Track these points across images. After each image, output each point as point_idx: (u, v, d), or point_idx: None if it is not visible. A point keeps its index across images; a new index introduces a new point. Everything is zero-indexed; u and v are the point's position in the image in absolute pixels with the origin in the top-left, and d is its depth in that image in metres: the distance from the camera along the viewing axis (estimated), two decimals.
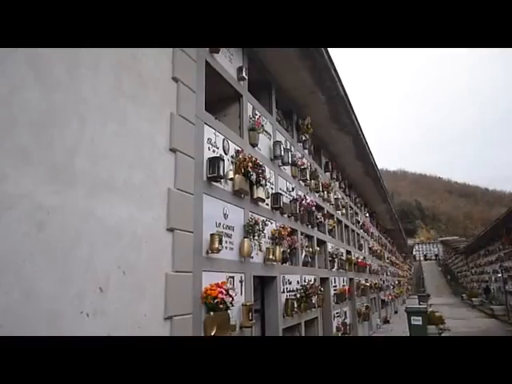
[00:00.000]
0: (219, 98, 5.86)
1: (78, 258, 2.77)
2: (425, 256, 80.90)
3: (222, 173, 4.63)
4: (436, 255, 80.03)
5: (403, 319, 12.98)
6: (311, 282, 7.68)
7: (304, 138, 8.89)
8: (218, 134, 5.00)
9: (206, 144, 4.68)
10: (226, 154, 5.11)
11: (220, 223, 4.76)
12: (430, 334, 11.70)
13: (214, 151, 4.83)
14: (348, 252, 12.49)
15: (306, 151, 9.10)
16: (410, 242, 65.44)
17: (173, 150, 3.95)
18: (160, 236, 3.63)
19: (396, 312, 24.02)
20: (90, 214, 2.91)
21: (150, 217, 3.51)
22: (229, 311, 4.38)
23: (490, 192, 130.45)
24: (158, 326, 3.47)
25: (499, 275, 25.69)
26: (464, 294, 39.84)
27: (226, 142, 5.17)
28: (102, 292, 2.94)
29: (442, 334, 13.07)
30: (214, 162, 4.60)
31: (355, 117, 9.50)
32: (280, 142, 7.04)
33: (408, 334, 11.72)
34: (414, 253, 73.40)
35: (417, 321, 11.46)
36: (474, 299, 32.71)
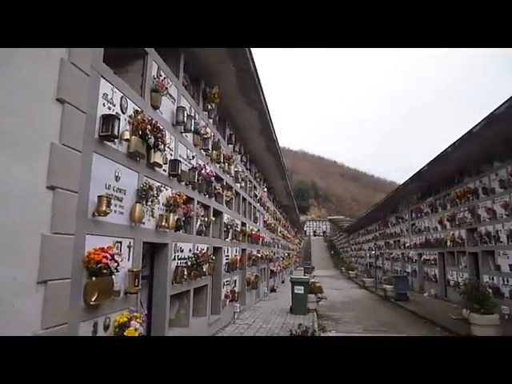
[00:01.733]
0: (122, 52, 5.43)
1: None
2: (314, 232, 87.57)
3: (116, 132, 4.36)
4: (324, 232, 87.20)
5: (288, 288, 13.99)
6: (204, 251, 7.80)
7: (210, 107, 8.77)
8: (116, 90, 4.66)
9: (100, 99, 4.34)
10: (123, 112, 4.81)
11: (110, 185, 4.51)
12: (310, 301, 12.84)
13: (109, 108, 4.51)
14: (243, 224, 12.90)
15: (211, 121, 9.02)
16: (302, 218, 70.05)
17: (60, 101, 3.57)
18: (37, 193, 3.30)
19: (283, 282, 25.78)
20: None
21: (25, 172, 3.16)
22: (113, 277, 4.25)
23: (375, 179, 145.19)
24: (30, 290, 3.22)
25: (373, 252, 29.03)
26: (343, 267, 44.32)
27: (124, 99, 4.86)
28: None
29: (320, 302, 14.49)
30: (109, 120, 4.30)
31: (263, 93, 9.64)
32: (184, 107, 6.85)
33: (291, 301, 12.71)
34: (305, 228, 78.86)
35: (299, 290, 12.46)
36: (350, 272, 36.64)
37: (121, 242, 4.70)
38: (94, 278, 3.97)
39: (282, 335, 8.06)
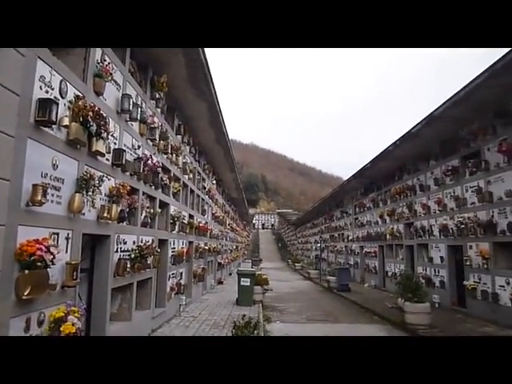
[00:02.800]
0: None
1: None
2: (263, 225, 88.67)
3: (54, 118, 4.13)
4: (272, 225, 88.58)
5: (236, 280, 14.07)
6: (148, 243, 7.64)
7: (158, 96, 8.55)
8: (54, 72, 4.40)
9: (37, 82, 4.08)
10: (62, 97, 4.55)
11: (47, 174, 4.26)
12: (256, 292, 13.02)
13: (47, 92, 4.24)
14: (191, 216, 12.77)
15: (159, 110, 8.80)
16: (251, 211, 70.62)
17: None
18: None
19: (231, 274, 25.91)
20: None
21: None
22: (49, 270, 4.04)
23: (323, 174, 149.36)
24: None
25: (318, 245, 29.97)
26: (290, 259, 45.36)
27: (64, 83, 4.60)
28: None
29: (266, 294, 14.75)
30: (46, 105, 4.06)
31: (213, 85, 9.55)
32: (130, 95, 6.62)
33: (237, 294, 12.81)
34: (254, 221, 79.59)
35: (246, 282, 12.59)
36: (297, 264, 37.58)
37: (58, 234, 4.47)
38: (26, 271, 3.75)
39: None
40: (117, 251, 6.37)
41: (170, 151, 9.41)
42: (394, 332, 9.55)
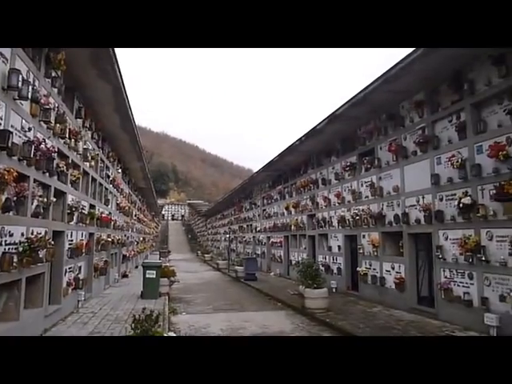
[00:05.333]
0: None
1: None
2: (172, 216, 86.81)
3: None
4: (182, 216, 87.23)
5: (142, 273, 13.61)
6: (40, 235, 6.98)
7: (55, 74, 7.81)
8: None
9: None
10: None
11: None
12: (162, 285, 12.74)
13: None
14: (92, 206, 11.98)
15: (55, 90, 8.04)
16: (161, 202, 68.83)
17: None
18: None
19: (137, 267, 24.97)
20: None
21: None
22: None
23: (234, 166, 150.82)
24: None
25: (227, 236, 30.34)
26: (199, 250, 45.26)
27: None
28: None
29: (173, 286, 14.54)
30: None
31: (118, 67, 8.99)
32: (19, 70, 5.93)
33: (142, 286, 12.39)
34: (163, 212, 77.59)
35: (151, 274, 12.24)
36: (206, 255, 37.63)
37: None
38: None
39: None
40: (1, 244, 5.71)
41: (68, 136, 8.67)
42: (296, 317, 10.10)
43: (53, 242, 7.66)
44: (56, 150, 7.68)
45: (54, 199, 7.99)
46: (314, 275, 10.29)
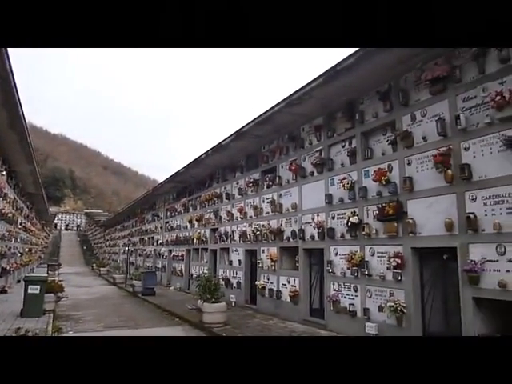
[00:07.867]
0: None
1: None
2: (67, 226, 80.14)
3: None
4: (78, 226, 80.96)
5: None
6: None
7: None
8: None
9: None
10: None
11: None
12: (48, 301, 11.56)
13: None
14: None
15: None
16: (53, 209, 62.99)
17: None
18: None
19: (19, 281, 22.36)
20: None
21: None
22: None
23: (139, 175, 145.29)
24: None
25: (127, 248, 28.88)
26: (95, 263, 42.21)
27: None
28: None
29: (60, 302, 13.31)
30: None
31: (7, 56, 8.13)
32: None
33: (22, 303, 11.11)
34: (55, 221, 71.17)
35: (34, 289, 11.03)
36: (102, 269, 35.20)
37: None
38: None
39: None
40: None
41: None
42: (193, 332, 9.93)
43: None
44: None
45: None
46: (213, 289, 10.27)
